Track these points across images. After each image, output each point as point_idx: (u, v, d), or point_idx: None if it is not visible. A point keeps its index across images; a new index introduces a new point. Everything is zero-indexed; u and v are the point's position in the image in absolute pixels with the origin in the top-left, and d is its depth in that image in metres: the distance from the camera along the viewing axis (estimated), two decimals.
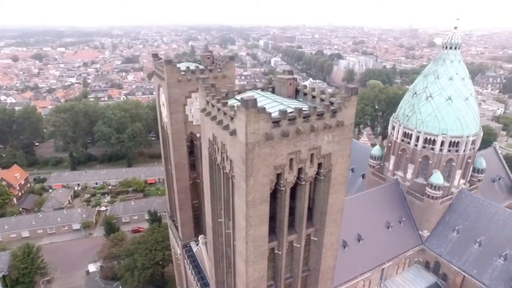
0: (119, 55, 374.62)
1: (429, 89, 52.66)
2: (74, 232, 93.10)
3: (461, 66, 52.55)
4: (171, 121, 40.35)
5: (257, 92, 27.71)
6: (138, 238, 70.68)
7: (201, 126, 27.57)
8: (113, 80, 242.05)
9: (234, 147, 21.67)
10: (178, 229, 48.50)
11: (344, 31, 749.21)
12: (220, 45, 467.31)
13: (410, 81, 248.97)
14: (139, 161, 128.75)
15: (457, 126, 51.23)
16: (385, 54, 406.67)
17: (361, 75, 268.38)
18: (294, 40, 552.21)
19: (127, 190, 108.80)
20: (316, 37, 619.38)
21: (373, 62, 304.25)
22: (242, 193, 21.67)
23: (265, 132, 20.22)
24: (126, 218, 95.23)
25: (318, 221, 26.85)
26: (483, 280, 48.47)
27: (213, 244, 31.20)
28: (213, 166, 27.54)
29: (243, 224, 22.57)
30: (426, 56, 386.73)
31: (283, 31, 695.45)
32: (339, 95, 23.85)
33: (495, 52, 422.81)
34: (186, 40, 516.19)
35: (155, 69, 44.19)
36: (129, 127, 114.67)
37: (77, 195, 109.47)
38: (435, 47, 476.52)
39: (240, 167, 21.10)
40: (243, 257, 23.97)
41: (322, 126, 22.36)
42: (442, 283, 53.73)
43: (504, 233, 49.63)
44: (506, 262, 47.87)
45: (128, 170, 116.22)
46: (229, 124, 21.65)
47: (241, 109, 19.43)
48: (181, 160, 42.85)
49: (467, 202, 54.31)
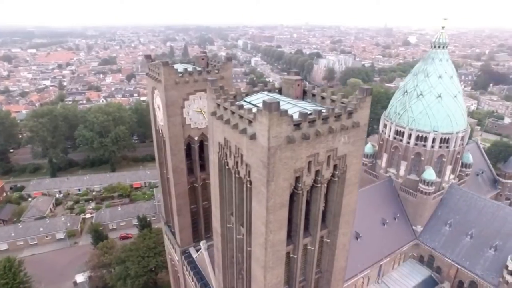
0: (95, 56, 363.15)
1: (419, 87, 53.91)
2: (58, 241, 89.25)
3: (449, 64, 54.12)
4: (168, 125, 39.12)
5: (267, 93, 27.18)
6: (129, 245, 68.46)
7: (209, 130, 26.78)
8: (91, 82, 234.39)
9: (252, 152, 21.08)
10: (176, 235, 47.21)
11: (321, 31, 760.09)
12: (199, 45, 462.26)
13: (389, 79, 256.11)
14: (123, 166, 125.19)
15: (447, 123, 52.74)
16: (363, 52, 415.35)
17: (341, 73, 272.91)
18: (273, 40, 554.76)
19: (112, 195, 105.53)
20: (294, 37, 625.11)
21: (352, 61, 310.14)
22: (262, 198, 21.12)
23: (286, 136, 19.76)
24: (113, 225, 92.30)
25: (331, 223, 26.67)
26: (476, 271, 50.21)
27: (221, 250, 30.45)
28: (223, 171, 26.82)
29: (263, 230, 22.03)
30: (402, 55, 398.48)
31: (261, 30, 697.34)
32: (353, 96, 23.72)
33: (464, 51, 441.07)
34: (163, 41, 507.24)
35: (148, 71, 42.71)
36: (113, 131, 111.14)
37: (59, 203, 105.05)
38: (410, 46, 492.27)
39: (261, 171, 20.54)
40: (261, 263, 23.42)
41: (339, 128, 22.14)
42: (436, 276, 55.22)
43: (494, 225, 51.58)
44: (497, 252, 49.76)
45: (112, 175, 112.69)
46: (246, 128, 21.03)
47: (263, 112, 18.87)
48: (179, 165, 41.66)
49: (457, 196, 56.06)
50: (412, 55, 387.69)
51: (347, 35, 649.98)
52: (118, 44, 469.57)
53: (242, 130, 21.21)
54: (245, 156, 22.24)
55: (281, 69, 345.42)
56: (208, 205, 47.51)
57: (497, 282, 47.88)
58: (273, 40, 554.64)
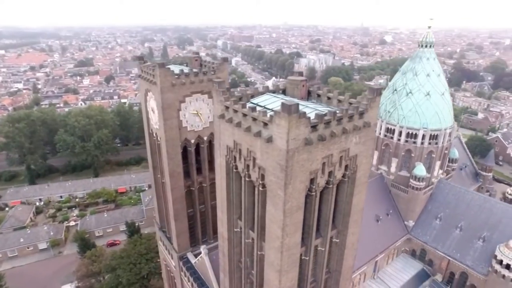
0: (70, 58, 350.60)
1: (408, 85, 55.16)
2: (41, 252, 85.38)
3: (436, 63, 55.70)
4: (165, 128, 38.09)
5: (273, 95, 26.89)
6: (119, 253, 66.39)
7: (216, 133, 26.18)
8: (67, 85, 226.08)
9: (268, 155, 20.71)
10: (173, 240, 46.11)
11: (299, 30, 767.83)
12: (178, 46, 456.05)
13: (368, 77, 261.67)
14: (106, 170, 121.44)
15: (435, 120, 54.23)
16: (341, 51, 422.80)
17: (321, 72, 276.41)
18: (252, 40, 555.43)
19: (97, 201, 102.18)
20: (273, 36, 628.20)
21: (332, 59, 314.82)
22: (279, 201, 20.81)
23: (304, 138, 19.55)
24: (100, 232, 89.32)
25: (341, 223, 26.70)
26: (466, 262, 51.97)
27: (228, 255, 29.91)
28: (230, 175, 26.30)
29: (279, 234, 21.73)
30: (379, 53, 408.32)
31: (240, 30, 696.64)
32: (362, 96, 23.82)
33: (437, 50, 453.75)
34: (141, 42, 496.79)
35: (141, 72, 41.52)
36: (95, 135, 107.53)
37: (40, 211, 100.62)
38: (386, 44, 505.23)
39: (278, 175, 20.21)
40: (276, 267, 23.11)
41: (352, 128, 22.17)
42: (428, 268, 56.75)
43: (481, 217, 53.53)
44: (485, 243, 51.68)
45: (96, 180, 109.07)
46: (261, 130, 20.66)
47: (281, 114, 18.55)
48: (175, 169, 40.68)
49: (446, 190, 57.79)
50: (389, 54, 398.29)
51: (325, 35, 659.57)
52: (94, 45, 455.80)
53: (256, 133, 20.80)
54: (258, 159, 21.84)
55: (262, 69, 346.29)
56: (205, 208, 46.85)
57: (487, 271, 49.72)
58: (252, 40, 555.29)
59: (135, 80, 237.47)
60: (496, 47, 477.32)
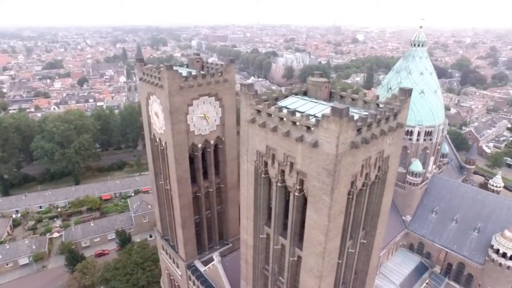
0: (37, 60, 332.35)
1: (403, 84, 56.29)
2: (22, 268, 79.90)
3: (428, 62, 57.32)
4: (172, 133, 36.64)
5: (299, 97, 26.38)
6: (113, 263, 63.50)
7: (243, 138, 25.31)
8: (36, 88, 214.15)
9: (311, 159, 20.19)
10: (179, 248, 44.59)
11: (273, 29, 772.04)
12: (152, 46, 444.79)
13: (345, 75, 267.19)
14: (87, 177, 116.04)
15: (429, 117, 55.86)
16: (316, 50, 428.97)
17: (299, 71, 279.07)
18: (226, 39, 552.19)
19: (81, 210, 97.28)
20: (247, 36, 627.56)
21: (309, 58, 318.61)
22: (323, 207, 20.36)
23: (351, 141, 19.22)
24: (86, 242, 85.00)
25: (369, 224, 26.70)
26: (463, 253, 53.91)
27: (253, 262, 29.13)
28: (259, 181, 25.57)
29: (321, 239, 21.28)
30: (353, 52, 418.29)
31: (214, 30, 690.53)
32: (392, 97, 23.84)
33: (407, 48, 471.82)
34: (113, 42, 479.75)
35: (143, 75, 39.71)
36: (76, 140, 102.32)
37: (17, 224, 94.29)
38: (359, 43, 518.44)
39: (323, 180, 19.73)
40: (315, 273, 22.66)
41: (388, 129, 22.11)
42: (427, 261, 58.43)
43: (475, 209, 55.69)
44: (480, 234, 53.82)
45: (78, 188, 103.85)
46: (303, 135, 20.10)
47: (331, 118, 18.09)
48: (183, 175, 39.30)
49: (440, 185, 59.69)
50: (362, 52, 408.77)
51: (299, 34, 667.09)
52: (63, 46, 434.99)
53: (298, 138, 20.21)
54: (298, 165, 21.26)
55: (240, 69, 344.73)
56: (211, 214, 45.72)
57: (483, 261, 51.83)
58: (227, 39, 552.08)
59: (110, 82, 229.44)
60: (459, 45, 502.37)
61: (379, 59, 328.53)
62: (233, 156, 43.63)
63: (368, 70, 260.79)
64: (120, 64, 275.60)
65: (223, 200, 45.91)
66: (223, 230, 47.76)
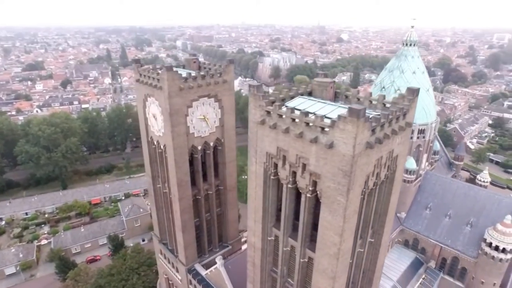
0: (16, 61, 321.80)
1: (396, 83, 57.18)
2: (8, 278, 77.10)
3: (420, 61, 58.32)
4: (172, 135, 35.96)
5: (306, 98, 26.26)
6: (107, 269, 62.02)
7: (251, 140, 25.00)
8: (17, 90, 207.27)
9: (326, 161, 20.07)
10: (179, 253, 43.86)
11: (258, 29, 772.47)
12: (136, 47, 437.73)
13: (332, 74, 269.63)
14: (75, 181, 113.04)
15: (422, 115, 56.81)
16: (302, 50, 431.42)
17: (286, 71, 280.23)
18: (212, 40, 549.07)
19: (69, 215, 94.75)
20: (233, 36, 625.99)
21: (295, 58, 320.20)
22: (339, 207, 20.29)
23: (366, 142, 19.22)
24: (77, 248, 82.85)
25: (377, 222, 26.83)
26: (457, 247, 55.13)
27: (260, 265, 28.87)
28: (267, 183, 25.33)
29: (336, 240, 21.22)
30: (338, 51, 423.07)
31: (199, 30, 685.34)
32: (399, 97, 24.03)
33: (390, 46, 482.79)
34: (96, 43, 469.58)
35: (139, 76, 38.84)
36: (63, 144, 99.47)
37: (2, 232, 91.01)
38: (343, 42, 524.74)
39: (339, 181, 19.65)
40: (329, 274, 22.59)
41: (398, 129, 22.26)
42: (422, 257, 59.50)
43: (467, 204, 57.02)
44: (472, 228, 55.14)
45: (66, 193, 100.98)
46: (317, 136, 19.97)
47: (349, 119, 18.02)
48: (183, 178, 38.64)
49: (433, 181, 60.87)
50: (347, 51, 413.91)
51: (284, 33, 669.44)
52: (43, 47, 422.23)
53: (313, 139, 20.06)
54: (312, 166, 21.12)
55: None
56: (210, 217, 45.20)
57: (476, 254, 53.13)
58: (212, 39, 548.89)
59: (95, 84, 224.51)
60: (440, 44, 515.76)
61: (364, 58, 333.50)
62: (232, 158, 43.26)
63: (354, 69, 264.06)
64: (105, 65, 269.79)
65: (222, 202, 45.45)
66: (223, 232, 47.29)
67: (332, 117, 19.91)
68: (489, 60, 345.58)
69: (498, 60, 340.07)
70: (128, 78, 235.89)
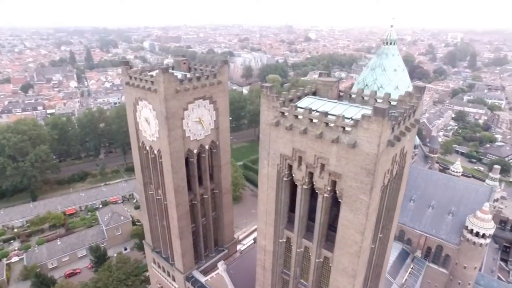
0: None
1: (378, 80, 58.99)
2: None
3: (400, 59, 60.52)
4: (169, 140, 34.71)
5: (316, 97, 26.24)
6: (92, 283, 58.95)
7: (263, 142, 24.60)
8: None
9: (347, 160, 20.11)
10: (175, 260, 42.47)
11: (225, 29, 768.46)
12: (101, 48, 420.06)
13: (303, 73, 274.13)
14: (45, 191, 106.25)
15: None
16: (271, 49, 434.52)
17: (258, 70, 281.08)
18: (180, 40, 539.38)
19: (42, 228, 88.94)
20: (201, 36, 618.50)
21: (267, 57, 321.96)
22: (361, 206, 20.41)
23: (388, 140, 19.47)
24: (54, 263, 77.92)
25: (386, 218, 27.39)
26: (441, 236, 57.76)
27: (272, 268, 28.55)
28: (280, 184, 25.06)
29: (357, 238, 21.35)
30: (307, 50, 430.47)
31: (165, 31, 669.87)
32: (407, 95, 24.62)
33: (356, 45, 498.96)
34: (56, 45, 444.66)
35: (129, 79, 37.12)
36: (31, 152, 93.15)
37: None
38: (311, 41, 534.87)
39: (362, 179, 19.76)
40: (350, 272, 22.71)
41: (410, 126, 22.80)
42: (408, 247, 61.75)
43: (447, 194, 59.93)
44: (454, 217, 58.05)
45: (37, 204, 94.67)
46: (339, 136, 19.96)
47: (374, 118, 18.14)
48: (180, 183, 37.44)
49: (415, 174, 63.32)
50: (316, 50, 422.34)
51: (252, 33, 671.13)
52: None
53: (335, 139, 20.02)
54: (332, 166, 21.09)
55: None
56: (206, 221, 44.21)
57: (458, 241, 56.01)
58: (180, 40, 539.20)
59: (60, 88, 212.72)
60: (402, 42, 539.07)
61: (332, 57, 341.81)
62: (226, 160, 42.56)
63: (324, 68, 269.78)
64: (69, 68, 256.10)
65: (217, 206, 44.60)
66: (218, 236, 46.42)
67: (347, 116, 20.02)
68: (447, 57, 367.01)
69: (455, 58, 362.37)
70: (96, 81, 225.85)
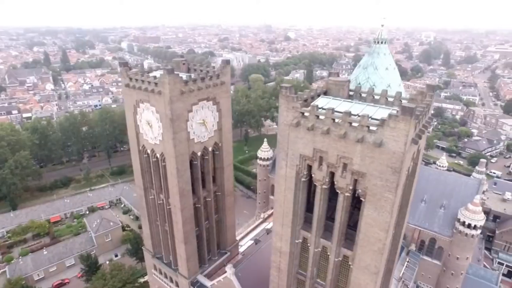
0: None
1: (371, 79, 59.46)
2: None
3: (391, 58, 61.41)
4: (174, 143, 33.91)
5: (331, 97, 26.37)
6: None
7: (281, 143, 24.41)
8: None
9: (372, 159, 20.26)
10: (179, 265, 41.60)
11: (204, 29, 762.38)
12: (77, 49, 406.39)
13: (285, 72, 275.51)
14: (26, 199, 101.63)
15: None
16: (252, 49, 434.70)
17: (240, 70, 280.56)
18: (159, 41, 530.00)
19: (25, 238, 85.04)
20: (180, 36, 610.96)
21: (248, 57, 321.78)
22: (386, 204, 20.61)
23: (412, 138, 19.78)
24: (40, 274, 74.64)
25: (400, 215, 27.85)
26: (434, 229, 59.64)
27: (287, 269, 28.44)
28: (298, 185, 24.99)
29: (382, 236, 21.57)
30: (287, 49, 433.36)
31: (143, 31, 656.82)
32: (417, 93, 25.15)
33: (335, 44, 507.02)
34: (28, 46, 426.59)
35: (129, 81, 36.00)
36: (10, 159, 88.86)
37: None
38: (291, 41, 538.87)
39: (388, 178, 19.95)
40: (372, 269, 22.92)
41: (426, 124, 23.27)
42: (403, 241, 63.23)
43: (439, 189, 61.92)
44: (445, 210, 60.05)
45: (18, 213, 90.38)
46: (364, 135, 20.08)
47: (402, 117, 18.36)
48: (185, 187, 36.68)
49: None
50: (296, 49, 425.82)
51: (231, 33, 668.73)
52: None
53: (360, 139, 20.12)
54: (356, 165, 21.18)
55: None
56: (209, 225, 43.60)
57: (451, 233, 57.96)
58: (159, 41, 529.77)
59: (35, 90, 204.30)
60: None
61: (313, 56, 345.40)
62: (229, 162, 42.12)
63: (306, 67, 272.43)
64: (44, 69, 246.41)
65: (220, 208, 44.07)
66: (221, 239, 45.89)
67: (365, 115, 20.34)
68: (422, 55, 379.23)
69: (430, 56, 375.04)
70: (74, 83, 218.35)
